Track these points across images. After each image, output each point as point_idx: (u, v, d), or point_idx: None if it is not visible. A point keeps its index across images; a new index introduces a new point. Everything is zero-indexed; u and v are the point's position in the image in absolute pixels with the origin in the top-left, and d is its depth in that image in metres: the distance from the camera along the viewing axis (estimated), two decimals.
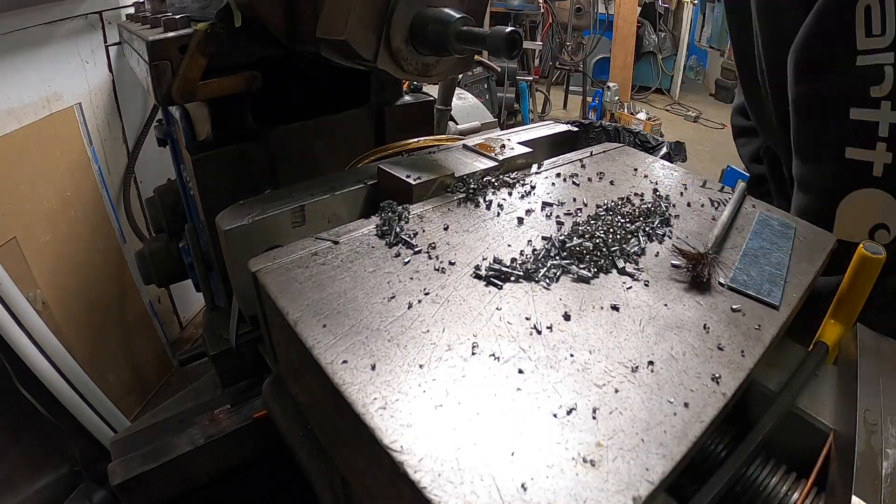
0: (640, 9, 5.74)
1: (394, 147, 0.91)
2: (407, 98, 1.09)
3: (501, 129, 1.18)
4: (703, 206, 0.76)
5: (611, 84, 5.38)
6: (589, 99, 5.33)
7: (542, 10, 5.20)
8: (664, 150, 3.17)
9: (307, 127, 0.99)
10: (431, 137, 0.95)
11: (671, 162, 0.94)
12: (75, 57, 1.71)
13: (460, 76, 2.12)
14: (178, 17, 0.77)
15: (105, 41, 1.81)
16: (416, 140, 0.93)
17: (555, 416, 0.42)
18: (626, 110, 5.15)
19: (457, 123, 1.45)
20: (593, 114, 5.21)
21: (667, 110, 5.89)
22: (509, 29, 0.60)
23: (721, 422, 0.45)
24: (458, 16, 0.66)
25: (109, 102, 1.90)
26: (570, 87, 5.76)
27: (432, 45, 0.69)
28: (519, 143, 0.86)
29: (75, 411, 1.52)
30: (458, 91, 1.49)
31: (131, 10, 1.50)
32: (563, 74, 5.77)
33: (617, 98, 5.30)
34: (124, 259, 1.99)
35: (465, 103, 1.56)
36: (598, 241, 0.63)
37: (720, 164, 3.82)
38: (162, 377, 2.18)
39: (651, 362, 0.48)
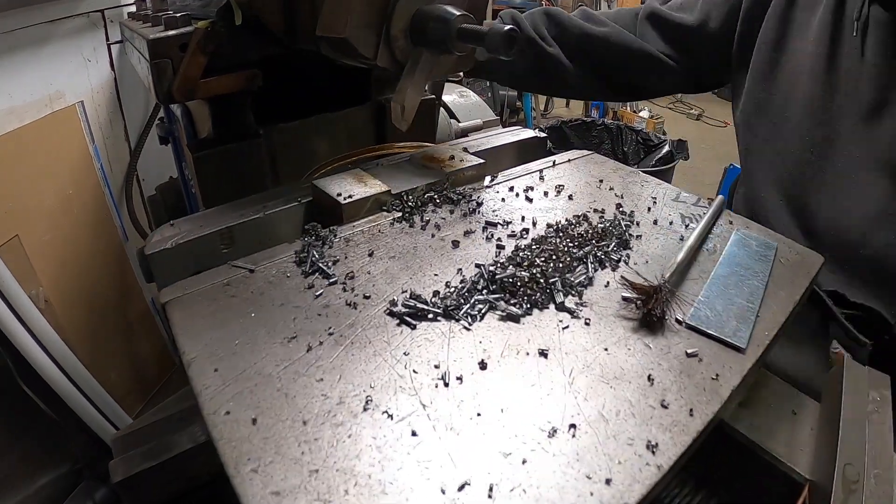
0: None
1: (352, 156, 0.87)
2: None
3: (504, 127, 1.17)
4: (671, 223, 0.68)
5: None
6: None
7: None
8: (666, 148, 3.16)
9: (308, 125, 0.99)
10: (388, 144, 0.93)
11: (673, 160, 0.93)
12: (77, 55, 1.71)
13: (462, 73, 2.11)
14: (178, 15, 0.77)
15: (107, 39, 1.81)
16: (375, 148, 0.91)
17: (443, 491, 0.36)
18: (628, 108, 5.13)
19: (458, 121, 1.45)
20: (596, 112, 5.19)
21: (669, 108, 5.86)
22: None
23: (680, 469, 0.39)
24: (457, 13, 0.65)
25: (111, 101, 1.90)
26: None
27: (432, 43, 0.68)
28: (477, 151, 0.80)
29: (77, 409, 1.53)
30: (460, 89, 1.48)
31: (133, 9, 1.50)
32: None
33: None
34: (126, 257, 1.99)
35: (466, 101, 1.55)
36: (535, 270, 0.55)
37: (722, 163, 3.80)
38: (164, 375, 2.19)
39: (573, 425, 0.41)
